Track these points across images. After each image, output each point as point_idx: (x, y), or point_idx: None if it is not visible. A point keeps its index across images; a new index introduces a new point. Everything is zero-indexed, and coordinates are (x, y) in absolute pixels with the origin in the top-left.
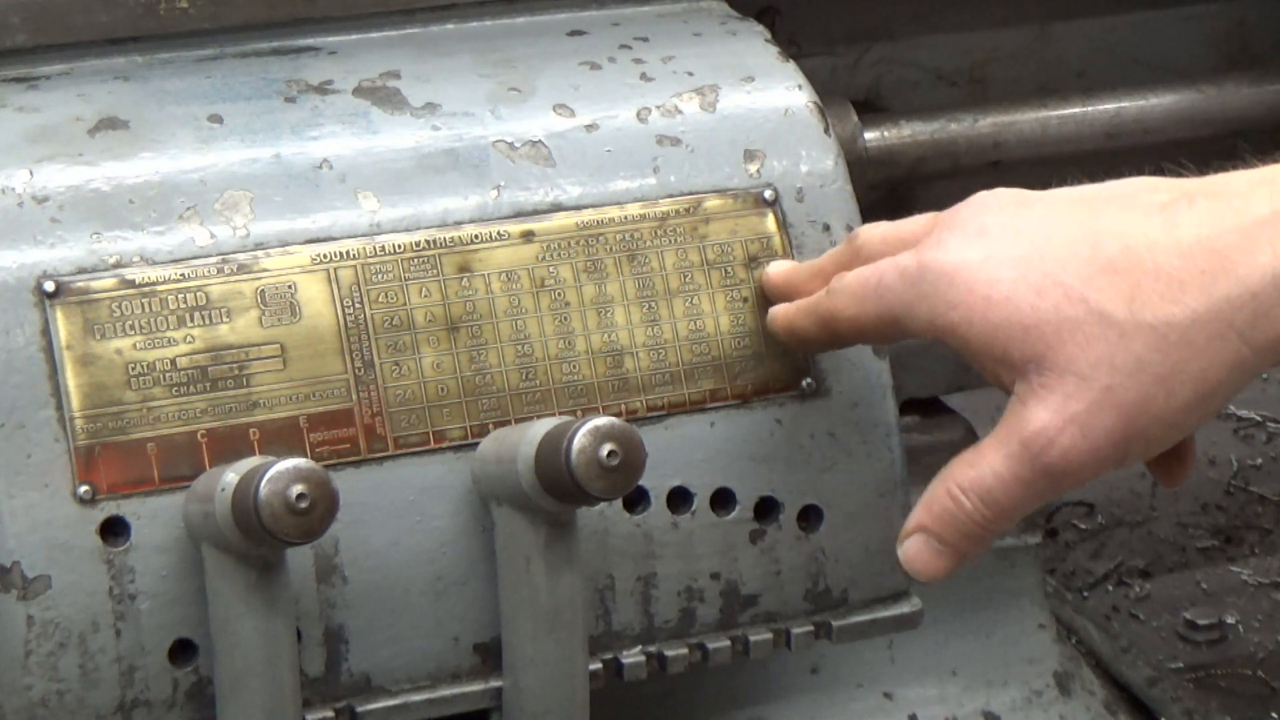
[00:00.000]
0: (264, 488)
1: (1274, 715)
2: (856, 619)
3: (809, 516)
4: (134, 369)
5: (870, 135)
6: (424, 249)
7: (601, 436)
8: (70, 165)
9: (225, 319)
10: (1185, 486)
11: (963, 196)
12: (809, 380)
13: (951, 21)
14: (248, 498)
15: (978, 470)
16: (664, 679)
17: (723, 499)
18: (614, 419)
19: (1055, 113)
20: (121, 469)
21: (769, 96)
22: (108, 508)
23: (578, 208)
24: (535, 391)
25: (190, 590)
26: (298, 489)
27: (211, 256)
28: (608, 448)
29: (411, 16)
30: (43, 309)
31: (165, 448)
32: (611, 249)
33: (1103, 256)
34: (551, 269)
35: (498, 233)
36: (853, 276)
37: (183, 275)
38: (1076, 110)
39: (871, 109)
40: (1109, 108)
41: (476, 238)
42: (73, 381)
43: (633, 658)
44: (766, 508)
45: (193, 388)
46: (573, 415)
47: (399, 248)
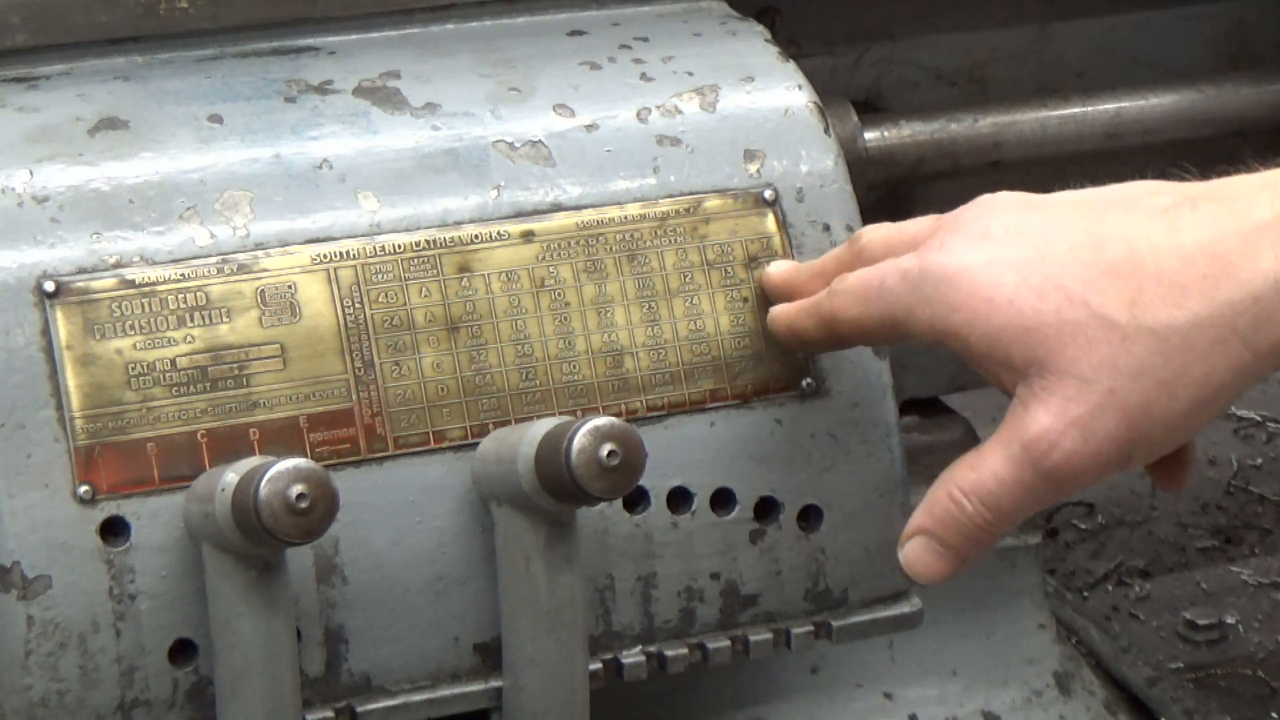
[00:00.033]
0: (264, 488)
1: (1274, 715)
2: (856, 619)
3: (809, 516)
4: (134, 369)
5: (870, 135)
6: (424, 249)
7: (601, 436)
8: (70, 165)
9: (225, 319)
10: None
11: (963, 196)
12: (809, 380)
13: (951, 21)
14: (248, 498)
15: (979, 473)
16: (664, 679)
17: (723, 499)
18: (614, 419)
19: (1055, 113)
20: (121, 469)
21: (769, 96)
22: (108, 508)
23: (578, 208)
24: (535, 391)
25: (190, 590)
26: (298, 489)
27: (211, 256)
28: (608, 448)
29: (411, 16)
30: (43, 309)
31: (165, 448)
32: (611, 249)
33: (1105, 260)
34: (551, 269)
35: (498, 233)
36: (854, 277)
37: (183, 275)
38: (1076, 110)
39: (871, 109)
40: (1109, 108)
41: (476, 238)
42: (73, 381)
43: (633, 658)
44: (766, 508)
45: (193, 388)
46: (573, 415)
47: (399, 248)
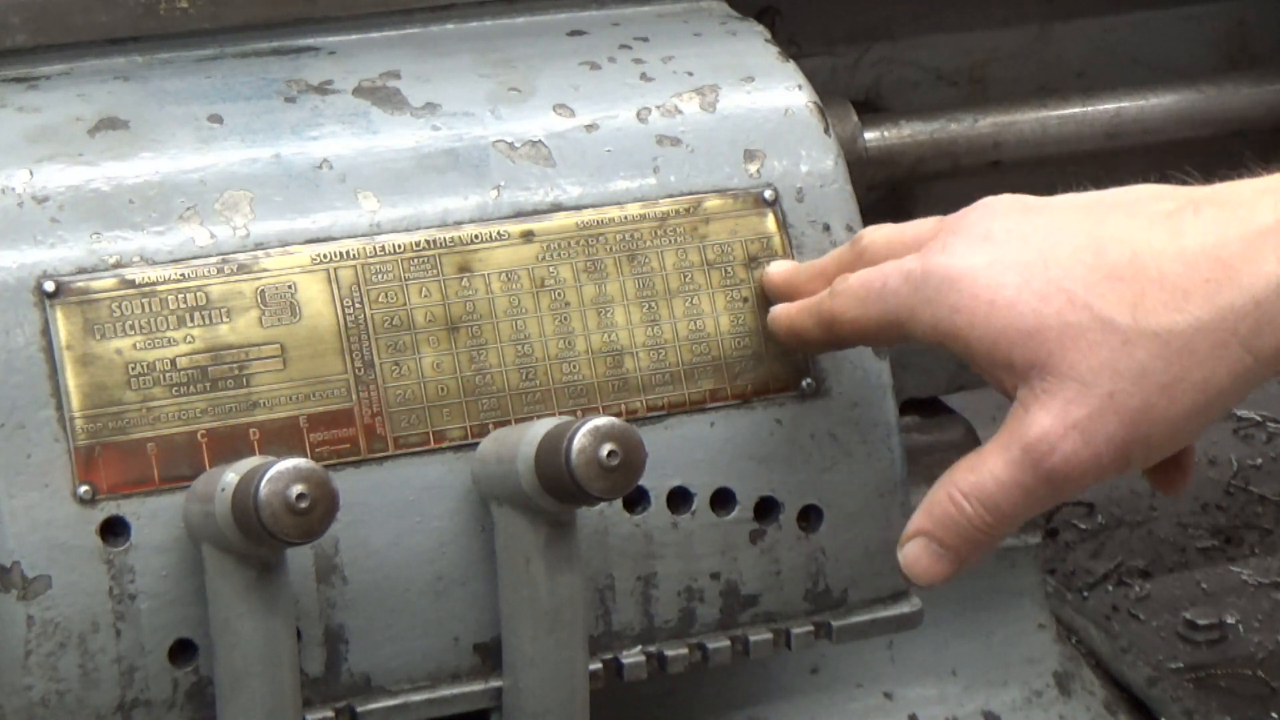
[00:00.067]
0: (264, 488)
1: (1274, 715)
2: (856, 619)
3: (809, 516)
4: (134, 369)
5: (870, 135)
6: (424, 249)
7: (601, 436)
8: (70, 165)
9: (225, 319)
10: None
11: (963, 196)
12: (809, 380)
13: (951, 21)
14: (248, 498)
15: (979, 475)
16: (664, 679)
17: (723, 499)
18: (614, 419)
19: (1055, 113)
20: (121, 469)
21: (769, 96)
22: (108, 508)
23: (578, 208)
24: (535, 391)
25: (190, 590)
26: (298, 489)
27: (211, 256)
28: (608, 448)
29: (411, 16)
30: (43, 309)
31: (165, 448)
32: (611, 249)
33: (1107, 263)
34: (551, 269)
35: (498, 233)
36: (856, 278)
37: (183, 275)
38: (1076, 110)
39: (871, 109)
40: (1109, 108)
41: (476, 238)
42: (73, 381)
43: (633, 658)
44: (766, 508)
45: (193, 388)
46: (573, 415)
47: (399, 248)
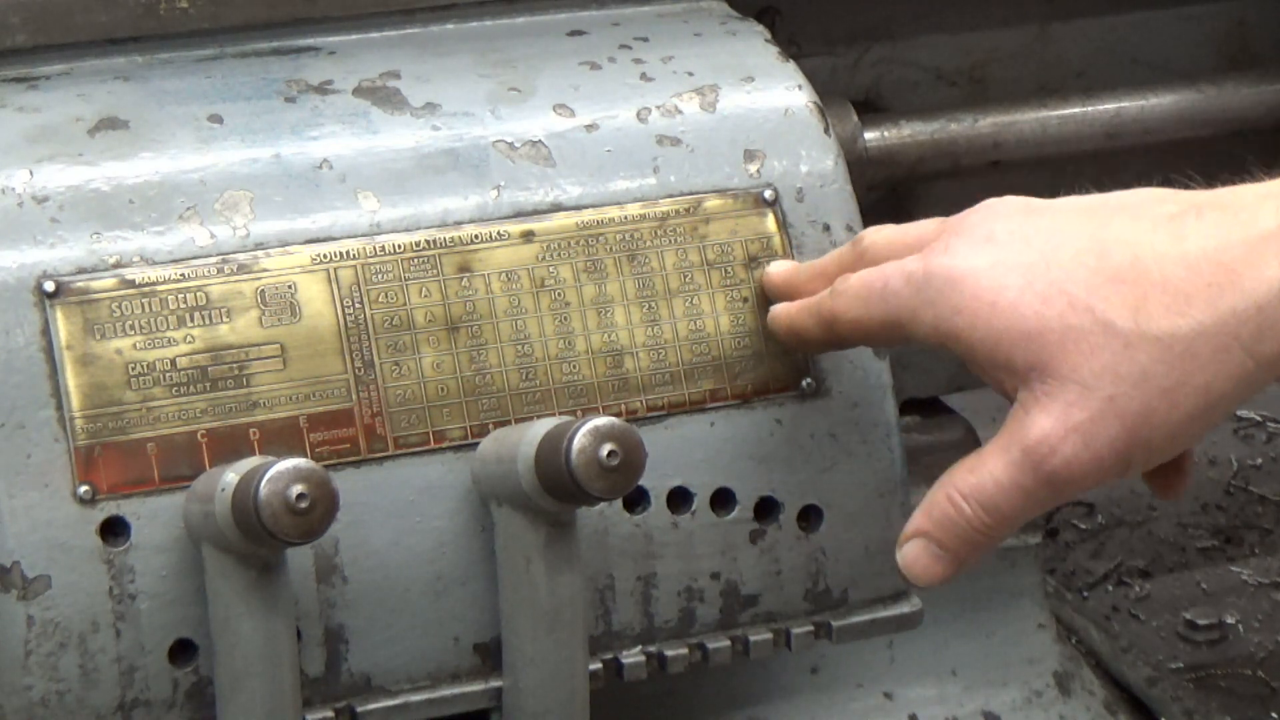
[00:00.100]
0: (264, 488)
1: (1274, 715)
2: (856, 619)
3: (809, 516)
4: (134, 369)
5: (870, 135)
6: (424, 249)
7: (601, 436)
8: (70, 165)
9: (225, 319)
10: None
11: (963, 196)
12: (809, 380)
13: (951, 21)
14: (248, 498)
15: (978, 476)
16: (664, 679)
17: (723, 499)
18: (614, 419)
19: (1055, 113)
20: (121, 469)
21: (769, 96)
22: (108, 508)
23: (578, 208)
24: (535, 391)
25: (190, 590)
26: (298, 489)
27: (211, 256)
28: (608, 448)
29: (411, 16)
30: (43, 309)
31: (165, 448)
32: (611, 249)
33: (1110, 266)
34: (551, 269)
35: (498, 233)
36: (857, 278)
37: (183, 275)
38: (1076, 110)
39: (871, 109)
40: (1109, 108)
41: (476, 238)
42: (73, 381)
43: (633, 658)
44: (766, 508)
45: (193, 388)
46: (573, 415)
47: (399, 248)
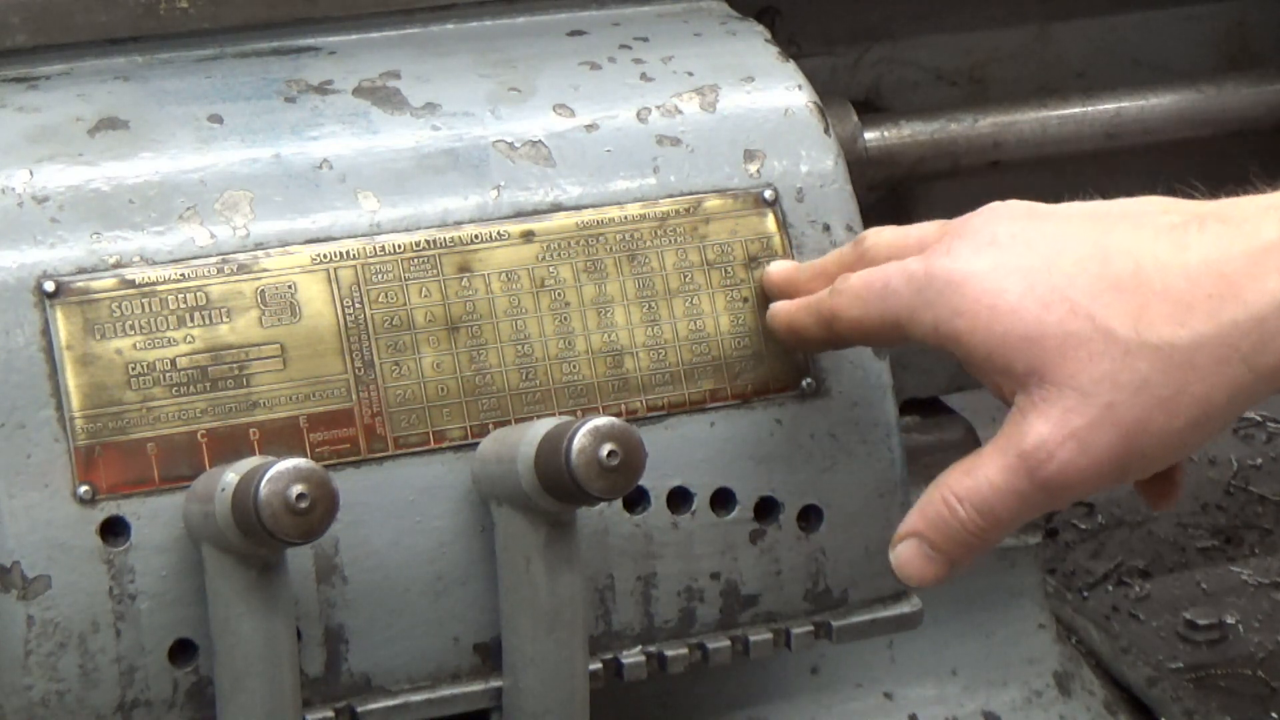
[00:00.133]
0: (264, 488)
1: (1274, 715)
2: (856, 619)
3: (809, 516)
4: (134, 369)
5: (870, 135)
6: (424, 249)
7: (601, 436)
8: (70, 165)
9: (225, 319)
10: (1185, 486)
11: (963, 197)
12: (809, 380)
13: (951, 21)
14: (248, 498)
15: (974, 479)
16: (664, 679)
17: (723, 499)
18: (614, 419)
19: (1055, 113)
20: (121, 469)
21: (769, 96)
22: (108, 508)
23: (578, 208)
24: (535, 391)
25: (190, 590)
26: (298, 489)
27: (211, 256)
28: (608, 448)
29: (411, 16)
30: (43, 309)
31: (165, 448)
32: (611, 249)
33: (1111, 274)
34: (551, 269)
35: (498, 233)
36: (858, 278)
37: (183, 275)
38: (1076, 110)
39: (871, 109)
40: (1109, 108)
41: (476, 238)
42: (73, 381)
43: (633, 658)
44: (766, 508)
45: (193, 388)
46: (573, 415)
47: (399, 248)
